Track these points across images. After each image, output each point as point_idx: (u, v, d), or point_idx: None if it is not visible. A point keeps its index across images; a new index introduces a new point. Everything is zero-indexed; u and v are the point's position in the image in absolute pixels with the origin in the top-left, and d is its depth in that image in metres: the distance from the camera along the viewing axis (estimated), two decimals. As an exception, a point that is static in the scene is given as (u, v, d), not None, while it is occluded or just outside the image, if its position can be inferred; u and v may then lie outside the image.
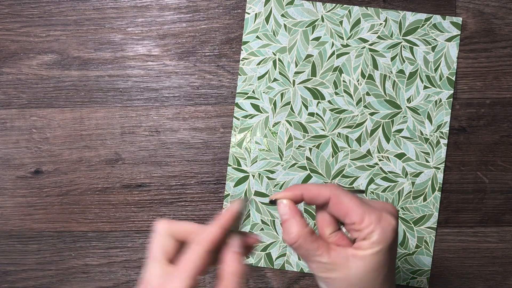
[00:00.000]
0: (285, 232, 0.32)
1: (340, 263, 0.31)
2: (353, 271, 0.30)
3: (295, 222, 0.32)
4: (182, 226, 0.31)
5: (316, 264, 0.31)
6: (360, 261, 0.30)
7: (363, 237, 0.31)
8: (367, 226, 0.30)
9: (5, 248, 0.53)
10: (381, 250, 0.31)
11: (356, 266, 0.30)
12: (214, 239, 0.30)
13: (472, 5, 0.51)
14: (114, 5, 0.51)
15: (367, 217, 0.31)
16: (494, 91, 0.51)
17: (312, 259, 0.31)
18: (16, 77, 0.52)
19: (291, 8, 0.51)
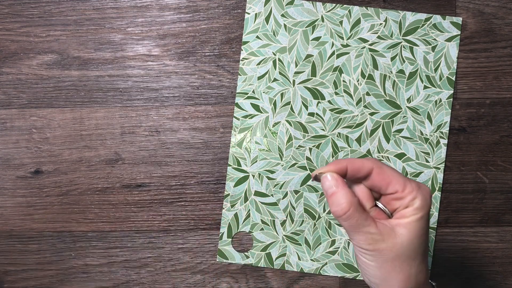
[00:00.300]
0: (334, 204, 0.32)
1: (387, 232, 0.32)
2: (399, 239, 0.31)
3: (344, 193, 0.32)
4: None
5: (365, 235, 0.31)
6: (405, 229, 0.32)
7: (406, 205, 0.32)
8: (410, 193, 0.32)
9: (5, 248, 0.53)
10: (423, 216, 0.32)
11: (402, 234, 0.31)
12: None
13: (472, 5, 0.51)
14: (114, 5, 0.51)
15: (408, 185, 0.32)
16: (494, 91, 0.51)
17: (361, 230, 0.32)
18: (16, 77, 0.52)
19: (291, 8, 0.51)
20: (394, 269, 0.31)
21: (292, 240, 0.51)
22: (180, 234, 0.52)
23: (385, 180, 0.32)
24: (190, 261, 0.52)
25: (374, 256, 0.32)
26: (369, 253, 0.32)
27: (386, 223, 0.32)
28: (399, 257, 0.31)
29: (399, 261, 0.31)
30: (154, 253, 0.52)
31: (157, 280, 0.52)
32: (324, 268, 0.51)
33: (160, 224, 0.52)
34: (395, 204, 0.33)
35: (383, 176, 0.32)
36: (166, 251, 0.52)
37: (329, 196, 0.32)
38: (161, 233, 0.52)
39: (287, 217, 0.51)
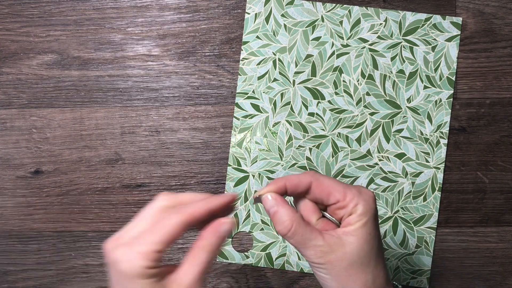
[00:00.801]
0: (277, 223, 0.32)
1: (335, 243, 0.31)
2: (348, 248, 0.31)
3: (285, 210, 0.32)
4: (180, 198, 0.31)
5: (313, 249, 0.31)
6: (353, 236, 0.31)
7: (349, 212, 0.32)
8: (351, 200, 0.32)
9: (5, 248, 0.53)
10: (368, 220, 0.32)
11: (350, 242, 0.31)
12: (196, 215, 0.30)
13: (472, 5, 0.51)
14: (114, 5, 0.51)
15: (349, 192, 0.32)
16: (494, 91, 0.51)
17: (308, 244, 0.31)
18: (16, 77, 0.52)
19: (291, 8, 0.51)
20: (350, 279, 0.31)
21: (292, 240, 0.51)
22: (180, 234, 0.52)
23: (325, 191, 0.32)
24: (190, 261, 0.52)
25: (327, 268, 0.31)
26: (322, 266, 0.31)
27: (333, 233, 0.32)
28: (352, 265, 0.31)
29: (353, 269, 0.31)
30: (154, 253, 0.52)
31: (157, 280, 0.52)
32: (324, 268, 0.51)
33: (160, 224, 0.52)
34: (339, 213, 0.33)
35: (322, 188, 0.33)
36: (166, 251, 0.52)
37: (271, 215, 0.32)
38: (161, 233, 0.52)
39: (287, 217, 0.51)
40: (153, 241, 0.28)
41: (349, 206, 0.32)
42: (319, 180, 0.33)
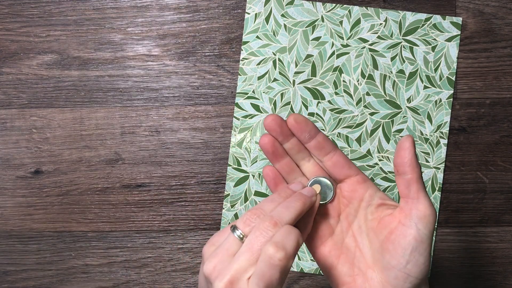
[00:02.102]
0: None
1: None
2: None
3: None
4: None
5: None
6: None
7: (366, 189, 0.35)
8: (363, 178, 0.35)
9: (5, 248, 0.53)
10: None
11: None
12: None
13: (472, 5, 0.51)
14: (114, 5, 0.51)
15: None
16: (494, 91, 0.51)
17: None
18: (16, 77, 0.52)
19: (291, 8, 0.51)
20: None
21: (292, 240, 0.51)
22: (180, 234, 0.52)
23: (347, 161, 0.34)
24: (190, 261, 0.52)
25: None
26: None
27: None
28: None
29: None
30: (154, 253, 0.52)
31: (157, 280, 0.52)
32: (324, 268, 0.51)
33: (160, 224, 0.52)
34: (360, 188, 0.34)
35: (346, 158, 0.34)
36: (166, 251, 0.52)
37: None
38: (161, 233, 0.52)
39: (287, 217, 0.51)
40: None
41: (367, 183, 0.33)
42: (340, 150, 0.34)
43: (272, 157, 0.34)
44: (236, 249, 0.29)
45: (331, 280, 0.33)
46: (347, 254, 0.33)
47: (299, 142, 0.34)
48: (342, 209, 0.34)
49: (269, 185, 0.35)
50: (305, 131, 0.33)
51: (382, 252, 0.31)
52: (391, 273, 0.30)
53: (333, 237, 0.34)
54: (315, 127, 0.33)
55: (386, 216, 0.32)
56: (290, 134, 0.33)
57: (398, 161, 0.30)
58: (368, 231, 0.33)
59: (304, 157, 0.34)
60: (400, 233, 0.30)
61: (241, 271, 0.28)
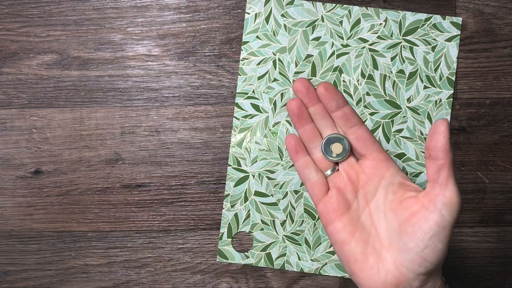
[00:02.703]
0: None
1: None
2: None
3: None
4: None
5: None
6: None
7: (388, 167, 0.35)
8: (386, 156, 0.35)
9: (5, 248, 0.53)
10: None
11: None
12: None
13: (472, 5, 0.51)
14: (114, 5, 0.51)
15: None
16: (494, 91, 0.51)
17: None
18: (16, 77, 0.52)
19: (291, 8, 0.51)
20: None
21: (292, 240, 0.51)
22: (180, 234, 0.52)
23: (371, 136, 0.35)
24: (190, 261, 0.52)
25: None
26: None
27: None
28: None
29: None
30: (154, 253, 0.52)
31: (157, 280, 0.52)
32: (324, 268, 0.51)
33: (160, 224, 0.52)
34: (384, 166, 0.34)
35: (369, 134, 0.34)
36: (166, 251, 0.52)
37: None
38: (161, 233, 0.52)
39: (287, 217, 0.51)
40: None
41: (390, 162, 0.34)
42: (366, 126, 0.34)
43: (297, 120, 0.34)
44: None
45: (342, 255, 0.33)
46: (362, 232, 0.33)
47: (324, 109, 0.34)
48: (361, 185, 0.34)
49: (290, 153, 0.35)
50: (334, 99, 0.33)
51: (400, 234, 0.31)
52: (407, 255, 0.30)
53: (349, 212, 0.34)
54: (344, 98, 0.34)
55: (408, 198, 0.31)
56: (317, 99, 0.34)
57: (431, 145, 0.30)
58: (387, 211, 0.32)
59: (327, 126, 0.34)
60: (422, 217, 0.30)
61: None
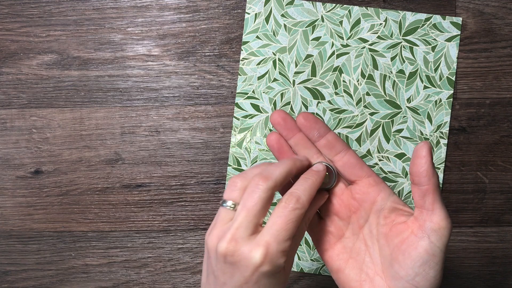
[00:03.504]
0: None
1: None
2: None
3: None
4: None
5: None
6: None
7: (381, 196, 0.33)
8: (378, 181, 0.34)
9: (5, 248, 0.53)
10: None
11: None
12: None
13: (472, 5, 0.51)
14: (114, 5, 0.51)
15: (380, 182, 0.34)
16: (494, 91, 0.51)
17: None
18: (16, 77, 0.52)
19: (291, 8, 0.51)
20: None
21: (292, 240, 0.51)
22: (180, 234, 0.52)
23: (359, 162, 0.33)
24: (190, 261, 0.52)
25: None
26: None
27: None
28: None
29: None
30: (154, 253, 0.52)
31: (157, 280, 0.52)
32: (324, 268, 0.51)
33: (160, 224, 0.52)
34: (372, 191, 0.33)
35: (358, 158, 0.33)
36: (166, 251, 0.52)
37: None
38: (161, 233, 0.52)
39: (287, 217, 0.51)
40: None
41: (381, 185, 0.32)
42: (352, 150, 0.33)
43: (278, 154, 0.34)
44: (231, 217, 0.29)
45: (338, 282, 0.33)
46: (356, 259, 0.32)
47: (306, 138, 0.33)
48: (352, 211, 0.33)
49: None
50: (314, 129, 0.33)
51: (391, 261, 0.30)
52: (399, 283, 0.29)
53: (342, 240, 0.33)
54: (325, 126, 0.33)
55: (399, 223, 0.31)
56: (296, 129, 0.33)
57: (414, 170, 0.29)
58: (379, 237, 0.32)
59: (312, 154, 0.34)
60: (412, 244, 0.29)
61: (241, 229, 0.28)
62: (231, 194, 0.30)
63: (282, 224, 0.28)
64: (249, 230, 0.28)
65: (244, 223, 0.28)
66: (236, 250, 0.27)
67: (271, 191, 0.29)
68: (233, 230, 0.28)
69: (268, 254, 0.27)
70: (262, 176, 0.29)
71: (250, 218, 0.28)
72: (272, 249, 0.27)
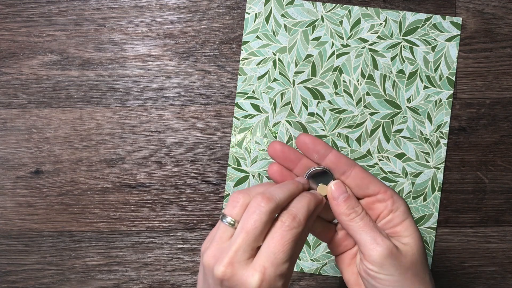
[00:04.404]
0: (348, 208, 0.31)
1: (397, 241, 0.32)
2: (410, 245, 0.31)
3: (353, 197, 0.31)
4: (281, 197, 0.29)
5: (382, 247, 0.30)
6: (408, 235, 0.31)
7: (390, 209, 0.31)
8: (392, 196, 0.31)
9: (5, 248, 0.53)
10: (412, 218, 0.31)
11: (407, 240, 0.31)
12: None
13: (472, 5, 0.51)
14: (114, 5, 0.51)
15: (387, 187, 0.31)
16: (494, 91, 0.51)
17: (378, 240, 0.30)
18: (16, 77, 0.52)
19: (291, 8, 0.51)
20: (416, 278, 0.30)
21: (292, 240, 0.51)
22: (180, 234, 0.52)
23: (366, 178, 0.31)
24: (190, 261, 0.52)
25: (395, 267, 0.30)
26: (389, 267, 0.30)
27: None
28: (416, 264, 0.30)
29: (418, 267, 0.31)
30: (154, 253, 0.52)
31: (157, 280, 0.52)
32: (324, 268, 0.51)
33: (160, 224, 0.52)
34: (377, 207, 0.31)
35: (363, 175, 0.31)
36: (166, 251, 0.52)
37: (341, 201, 0.31)
38: (161, 233, 0.52)
39: (287, 217, 0.51)
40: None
41: (389, 202, 0.30)
42: (359, 166, 0.31)
43: (281, 182, 0.32)
44: (230, 235, 0.29)
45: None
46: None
47: (308, 164, 0.32)
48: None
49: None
50: (314, 151, 0.31)
51: None
52: None
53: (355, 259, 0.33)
54: (325, 146, 0.31)
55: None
56: (296, 159, 0.32)
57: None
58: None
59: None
60: None
61: (239, 253, 0.27)
62: (232, 210, 0.29)
63: (278, 246, 0.27)
64: (247, 254, 0.27)
65: (242, 247, 0.27)
66: (233, 275, 0.27)
67: (272, 214, 0.28)
68: (231, 254, 0.27)
69: (264, 279, 0.26)
70: (264, 197, 0.28)
71: (249, 241, 0.27)
72: (269, 274, 0.26)
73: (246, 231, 0.27)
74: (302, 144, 0.31)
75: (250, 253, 0.27)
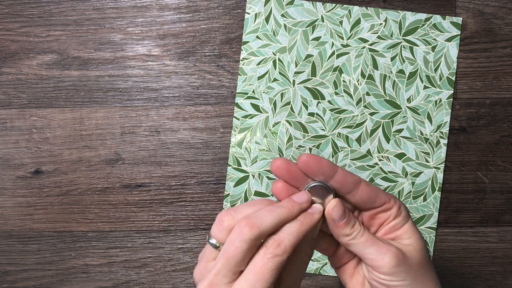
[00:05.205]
0: (346, 228, 0.30)
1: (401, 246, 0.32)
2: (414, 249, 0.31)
3: (353, 216, 0.31)
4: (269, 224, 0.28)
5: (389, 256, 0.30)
6: (410, 238, 0.31)
7: (395, 215, 0.31)
8: (395, 202, 0.31)
9: (5, 248, 0.53)
10: (411, 219, 0.32)
11: (410, 243, 0.31)
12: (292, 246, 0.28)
13: (472, 5, 0.51)
14: (114, 5, 0.51)
15: (390, 195, 0.31)
16: (494, 91, 0.51)
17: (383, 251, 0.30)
18: (16, 77, 0.52)
19: (291, 8, 0.51)
20: (426, 277, 0.30)
21: (292, 240, 0.51)
22: (180, 234, 0.52)
23: (373, 192, 0.30)
24: (190, 261, 0.52)
25: (405, 272, 0.29)
26: (398, 274, 0.29)
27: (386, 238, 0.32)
28: (424, 265, 0.30)
29: (425, 268, 0.30)
30: (154, 253, 0.52)
31: (157, 280, 0.52)
32: (324, 268, 0.51)
33: (160, 224, 0.52)
34: (381, 216, 0.31)
35: (370, 189, 0.30)
36: (166, 251, 0.52)
37: (342, 223, 0.30)
38: (161, 233, 0.52)
39: (287, 217, 0.51)
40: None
41: (393, 209, 0.30)
42: (364, 181, 0.30)
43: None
44: (214, 256, 0.28)
45: None
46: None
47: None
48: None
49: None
50: (319, 173, 0.30)
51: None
52: None
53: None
54: (331, 166, 0.30)
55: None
56: (303, 178, 0.30)
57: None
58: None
59: None
60: None
61: (219, 277, 0.27)
62: (217, 234, 0.28)
63: (258, 274, 0.26)
64: (228, 279, 0.27)
65: (222, 271, 0.27)
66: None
67: (255, 241, 0.27)
68: (211, 276, 0.27)
69: None
70: (248, 222, 0.27)
71: (229, 267, 0.27)
72: None
73: (226, 256, 0.27)
74: (305, 166, 0.30)
75: (231, 278, 0.27)
